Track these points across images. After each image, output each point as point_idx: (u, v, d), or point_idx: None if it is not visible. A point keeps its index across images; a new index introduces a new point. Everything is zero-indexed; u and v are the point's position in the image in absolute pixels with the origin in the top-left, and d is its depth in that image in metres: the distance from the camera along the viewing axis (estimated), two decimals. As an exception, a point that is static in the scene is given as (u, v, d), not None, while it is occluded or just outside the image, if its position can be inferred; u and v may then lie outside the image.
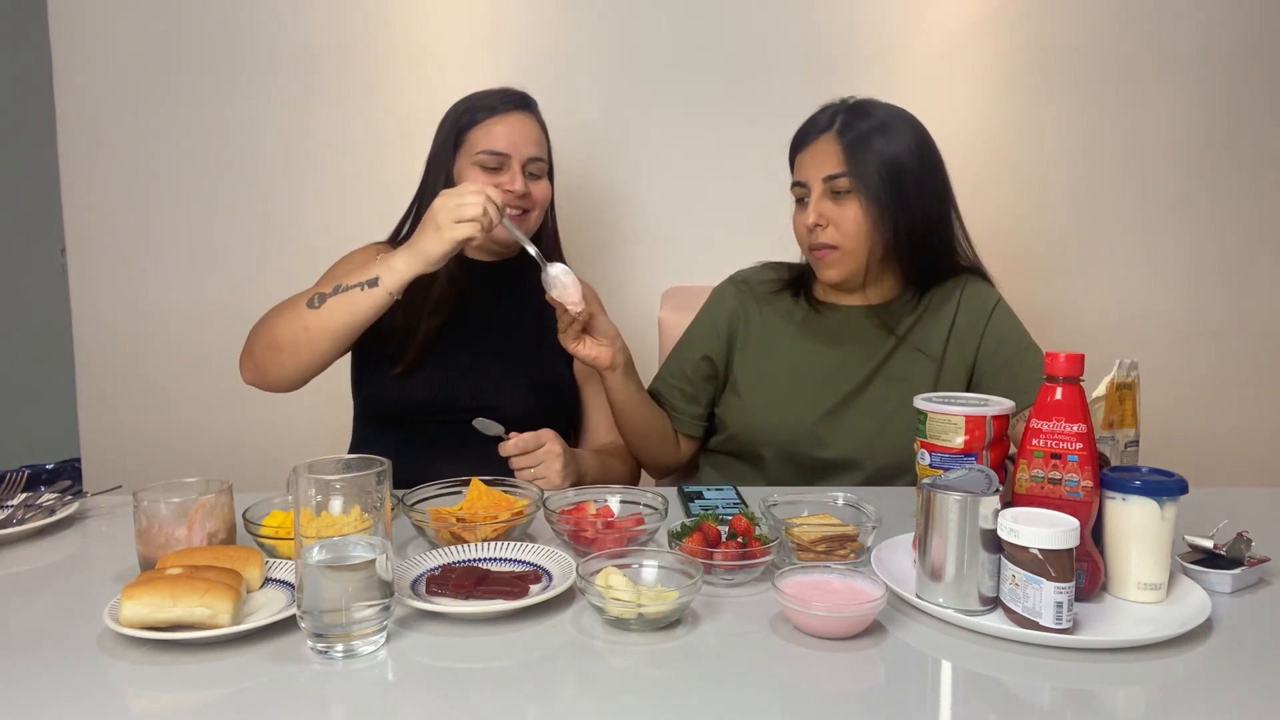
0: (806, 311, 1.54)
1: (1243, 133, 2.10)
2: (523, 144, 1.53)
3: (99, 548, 1.15)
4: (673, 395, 1.58)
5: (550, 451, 1.35)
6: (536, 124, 1.58)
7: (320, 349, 1.36)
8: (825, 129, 1.43)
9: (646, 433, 1.53)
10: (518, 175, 1.52)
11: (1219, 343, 2.17)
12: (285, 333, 1.35)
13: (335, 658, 0.83)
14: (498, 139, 1.52)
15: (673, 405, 1.58)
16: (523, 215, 1.56)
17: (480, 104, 1.57)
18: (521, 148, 1.53)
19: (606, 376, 1.43)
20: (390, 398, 1.52)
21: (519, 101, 1.58)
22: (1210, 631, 0.89)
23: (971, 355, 1.49)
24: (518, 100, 1.58)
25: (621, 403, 1.47)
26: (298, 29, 2.02)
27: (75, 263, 2.09)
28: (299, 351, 1.35)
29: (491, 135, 1.53)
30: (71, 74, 2.03)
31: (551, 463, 1.35)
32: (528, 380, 1.55)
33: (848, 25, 2.03)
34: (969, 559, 0.90)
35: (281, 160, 2.06)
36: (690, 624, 0.90)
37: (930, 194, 1.43)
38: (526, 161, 1.53)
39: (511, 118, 1.55)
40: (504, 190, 1.51)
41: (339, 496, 0.83)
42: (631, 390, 1.47)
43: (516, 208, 1.54)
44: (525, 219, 1.56)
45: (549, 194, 1.60)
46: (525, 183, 1.53)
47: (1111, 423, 1.01)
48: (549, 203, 1.61)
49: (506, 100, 1.56)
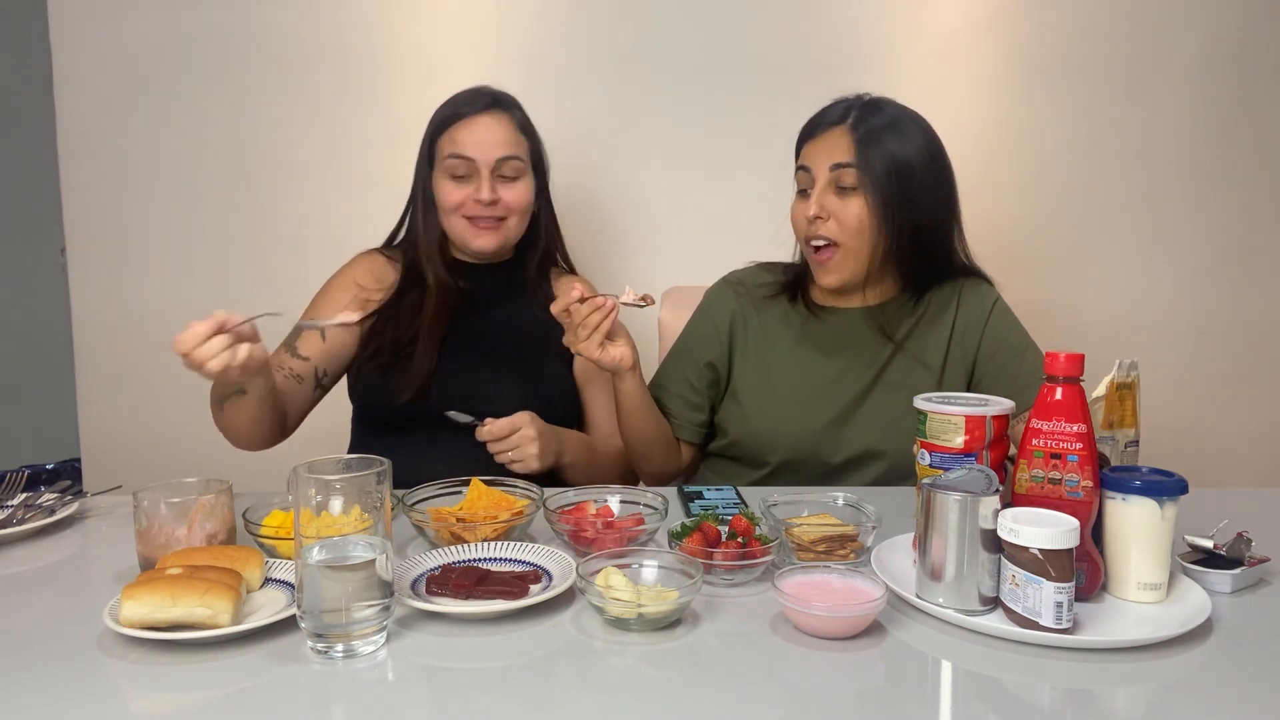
0: (805, 317, 1.52)
1: (1244, 132, 2.10)
2: (490, 146, 1.48)
3: (99, 548, 1.15)
4: (674, 402, 1.55)
5: (525, 435, 1.33)
6: (509, 123, 1.52)
7: (261, 432, 1.40)
8: (838, 121, 1.41)
9: (653, 438, 1.50)
10: (484, 182, 1.47)
11: (1219, 343, 2.16)
12: (223, 427, 1.40)
13: (335, 658, 0.83)
14: (462, 144, 1.48)
15: (674, 412, 1.54)
16: (498, 224, 1.51)
17: (448, 109, 1.52)
18: (489, 150, 1.48)
19: (626, 378, 1.39)
20: (389, 406, 1.49)
21: (489, 102, 1.52)
22: (1210, 631, 0.89)
23: (971, 356, 1.48)
24: (487, 101, 1.52)
25: (635, 406, 1.44)
26: (298, 30, 2.02)
27: (75, 263, 2.09)
28: (245, 437, 1.40)
29: (457, 141, 1.49)
30: (71, 74, 2.03)
31: (527, 446, 1.33)
32: (529, 384, 1.53)
33: (848, 25, 2.03)
34: (969, 559, 0.90)
35: (281, 160, 2.06)
36: (690, 624, 0.90)
37: (936, 199, 1.41)
38: (496, 164, 1.48)
39: (479, 120, 1.50)
40: (472, 200, 1.48)
41: (339, 496, 0.83)
42: (644, 391, 1.45)
43: (488, 216, 1.50)
44: (501, 227, 1.52)
45: (528, 196, 1.54)
46: (493, 188, 1.48)
47: (1111, 423, 1.01)
48: (533, 205, 1.56)
49: (474, 102, 1.51)
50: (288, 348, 1.50)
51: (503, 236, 1.53)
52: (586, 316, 1.29)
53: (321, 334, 1.51)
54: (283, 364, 1.48)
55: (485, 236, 1.52)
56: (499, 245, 1.53)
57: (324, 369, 1.52)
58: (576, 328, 1.31)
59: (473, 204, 1.49)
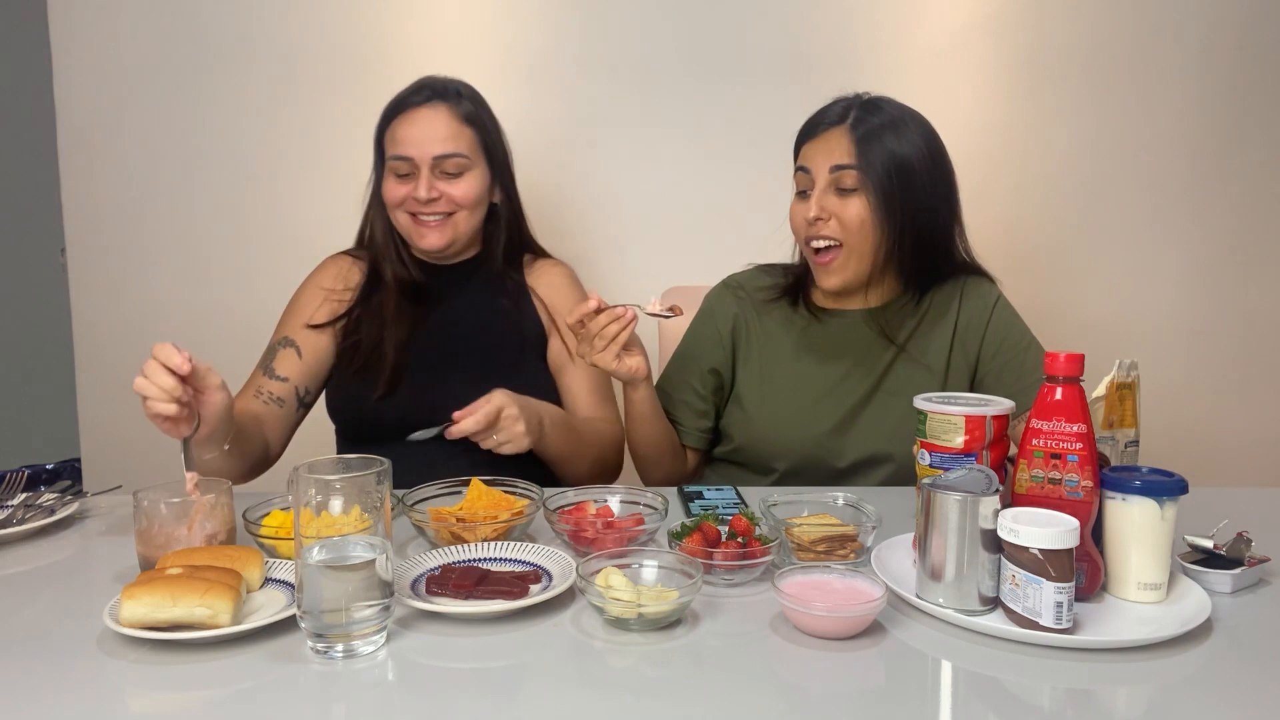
0: (806, 320, 1.51)
1: (1245, 132, 2.10)
2: (428, 143, 1.42)
3: (99, 548, 1.15)
4: (681, 410, 1.53)
5: (509, 416, 1.25)
6: (450, 116, 1.45)
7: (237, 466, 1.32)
8: (838, 121, 1.40)
9: (663, 445, 1.48)
10: (423, 180, 1.43)
11: (1220, 342, 2.16)
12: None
13: (335, 658, 0.83)
14: (400, 142, 1.44)
15: (681, 420, 1.53)
16: (444, 220, 1.46)
17: (392, 102, 1.47)
18: (427, 147, 1.42)
19: (640, 387, 1.38)
20: (368, 420, 1.45)
21: (431, 94, 1.45)
22: (1210, 631, 0.89)
23: (974, 354, 1.48)
24: (429, 93, 1.45)
25: (647, 414, 1.42)
26: (298, 30, 2.02)
27: (75, 263, 2.09)
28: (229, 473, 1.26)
29: (397, 139, 1.44)
30: (71, 74, 2.03)
31: (513, 426, 1.25)
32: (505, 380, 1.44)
33: (848, 24, 2.03)
34: (969, 559, 0.89)
35: (281, 160, 2.06)
36: (690, 624, 0.90)
37: (936, 197, 1.41)
38: (434, 161, 1.43)
39: (418, 115, 1.44)
40: (412, 197, 1.44)
41: (339, 496, 0.83)
42: (656, 398, 1.44)
43: (432, 213, 1.45)
44: (448, 224, 1.47)
45: (475, 190, 1.47)
46: (431, 185, 1.43)
47: (1111, 423, 1.01)
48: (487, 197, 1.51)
49: (415, 95, 1.46)
50: (264, 369, 1.47)
51: (450, 233, 1.48)
52: (604, 327, 1.27)
53: (298, 352, 1.47)
54: (261, 388, 1.44)
55: (431, 234, 1.48)
56: (446, 243, 1.49)
57: (305, 386, 1.48)
58: (593, 339, 1.28)
59: (413, 201, 1.45)
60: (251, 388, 1.46)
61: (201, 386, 1.09)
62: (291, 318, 1.52)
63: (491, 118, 1.53)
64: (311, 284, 1.56)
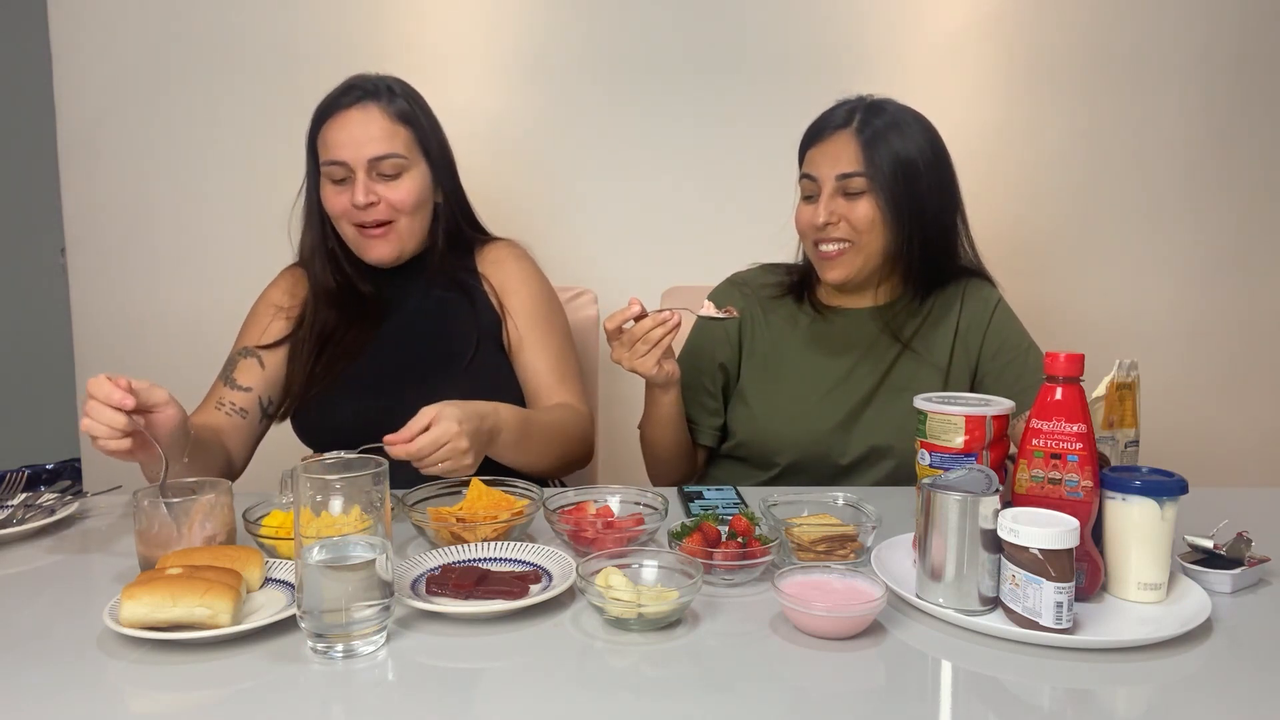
0: (811, 317, 1.52)
1: (1244, 132, 2.10)
2: (362, 145, 1.36)
3: (99, 548, 1.15)
4: (695, 409, 1.53)
5: (456, 449, 1.12)
6: (382, 115, 1.38)
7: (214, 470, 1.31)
8: (843, 125, 1.40)
9: (683, 446, 1.49)
10: (359, 185, 1.36)
11: (1219, 342, 2.17)
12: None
13: (335, 658, 0.83)
14: (334, 146, 1.37)
15: (695, 418, 1.53)
16: (387, 230, 1.40)
17: (321, 104, 1.41)
18: (360, 150, 1.35)
19: (671, 391, 1.38)
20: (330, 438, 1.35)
21: (361, 93, 1.39)
22: (1210, 631, 0.89)
23: (975, 356, 1.48)
24: (359, 93, 1.39)
25: (673, 417, 1.42)
26: (297, 30, 2.02)
27: (75, 263, 2.09)
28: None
29: (328, 144, 1.38)
30: (71, 74, 2.03)
31: (459, 459, 1.13)
32: (466, 378, 1.40)
33: (849, 24, 2.03)
34: (969, 559, 0.89)
35: (281, 160, 2.06)
36: (690, 624, 0.90)
37: (940, 197, 1.42)
38: (371, 164, 1.36)
39: (349, 116, 1.37)
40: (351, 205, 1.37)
41: (339, 496, 0.83)
42: (681, 403, 1.43)
43: (375, 222, 1.38)
44: (392, 233, 1.40)
45: (415, 193, 1.40)
46: (369, 190, 1.36)
47: (1111, 423, 1.01)
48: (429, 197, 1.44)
49: (344, 96, 1.39)
50: (225, 379, 1.43)
51: (396, 244, 1.42)
52: (649, 331, 1.26)
53: (260, 362, 1.44)
54: (223, 399, 1.40)
55: (378, 247, 1.41)
56: (395, 255, 1.43)
57: (269, 396, 1.44)
58: (635, 343, 1.27)
59: (355, 211, 1.38)
60: (212, 399, 1.42)
61: (148, 406, 1.07)
62: (248, 331, 1.49)
63: (428, 113, 1.46)
64: (265, 300, 1.52)
